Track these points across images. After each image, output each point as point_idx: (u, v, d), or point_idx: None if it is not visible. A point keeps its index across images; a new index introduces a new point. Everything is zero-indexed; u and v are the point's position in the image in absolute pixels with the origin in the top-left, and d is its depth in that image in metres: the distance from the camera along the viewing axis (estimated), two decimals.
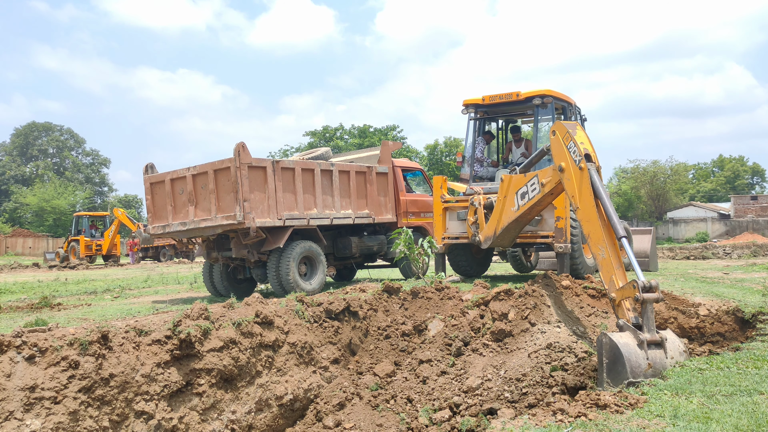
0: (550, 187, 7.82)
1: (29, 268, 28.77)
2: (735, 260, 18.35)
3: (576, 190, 6.97)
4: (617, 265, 6.28)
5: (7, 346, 4.93)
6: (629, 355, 5.59)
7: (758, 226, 46.93)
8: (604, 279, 6.37)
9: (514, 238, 9.70)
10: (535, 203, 8.30)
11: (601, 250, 6.45)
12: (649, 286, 5.80)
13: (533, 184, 8.23)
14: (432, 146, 59.75)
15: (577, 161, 6.95)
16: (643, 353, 5.66)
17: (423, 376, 6.64)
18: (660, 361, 5.73)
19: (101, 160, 79.14)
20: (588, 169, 6.80)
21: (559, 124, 7.38)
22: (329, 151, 12.66)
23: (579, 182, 6.92)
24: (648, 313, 5.82)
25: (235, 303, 6.86)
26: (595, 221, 6.58)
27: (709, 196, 73.04)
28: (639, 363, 5.62)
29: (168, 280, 16.31)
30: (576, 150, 6.98)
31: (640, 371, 5.60)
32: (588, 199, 6.76)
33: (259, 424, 6.17)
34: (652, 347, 5.73)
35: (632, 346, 5.66)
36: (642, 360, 5.65)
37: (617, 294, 6.08)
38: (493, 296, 7.55)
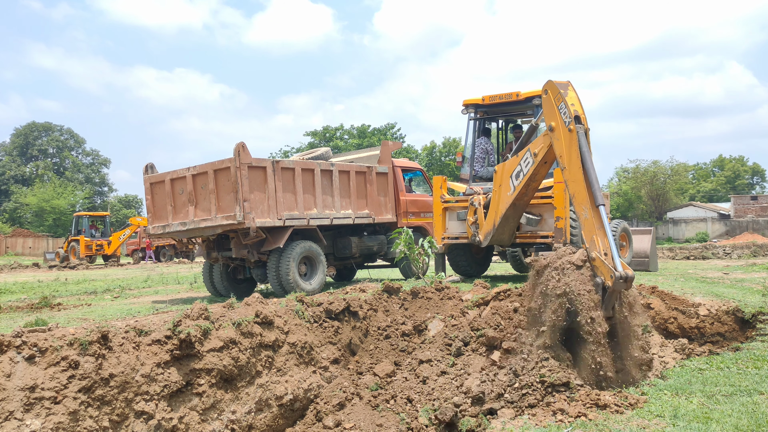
0: (543, 153, 7.86)
1: (29, 268, 28.77)
2: (735, 260, 18.35)
3: (564, 151, 7.05)
4: (598, 226, 6.41)
5: (7, 346, 4.93)
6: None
7: (758, 226, 46.93)
8: (586, 238, 6.49)
9: (513, 230, 9.63)
10: (530, 178, 8.30)
11: (585, 211, 6.63)
12: (625, 276, 5.90)
13: (526, 159, 8.28)
14: (429, 147, 59.76)
15: (567, 122, 7.00)
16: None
17: (423, 376, 6.64)
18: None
19: (101, 160, 79.17)
20: (577, 131, 6.86)
21: (551, 84, 7.38)
22: (329, 151, 12.66)
23: (568, 143, 7.00)
24: (612, 298, 6.04)
25: (235, 303, 6.86)
26: (581, 182, 6.72)
27: (709, 196, 73.05)
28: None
29: (168, 280, 16.32)
30: (566, 111, 7.03)
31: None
32: (575, 160, 6.86)
33: (259, 424, 6.17)
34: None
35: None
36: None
37: (597, 260, 6.19)
38: (493, 296, 7.55)
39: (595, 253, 6.17)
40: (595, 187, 6.61)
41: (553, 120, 7.27)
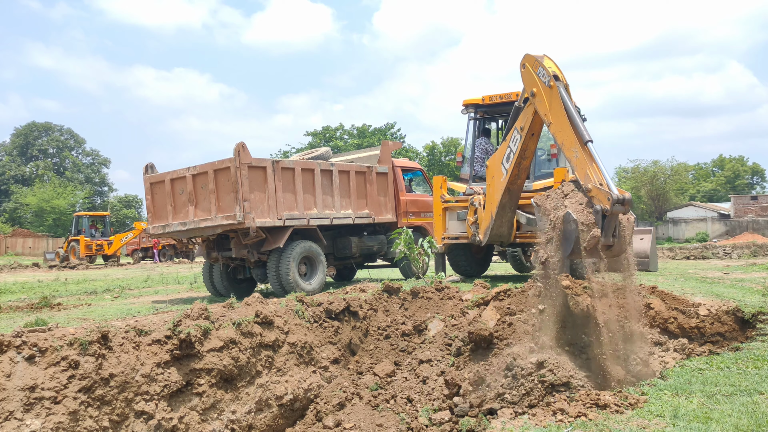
0: (528, 123, 8.00)
1: (29, 268, 28.77)
2: (735, 260, 18.35)
3: (547, 107, 7.30)
4: (590, 161, 6.60)
5: (7, 346, 4.93)
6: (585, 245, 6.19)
7: (758, 226, 46.93)
8: (579, 175, 6.66)
9: (512, 222, 9.57)
10: (520, 155, 8.39)
11: (575, 152, 6.85)
12: (622, 199, 6.13)
13: (513, 138, 8.49)
14: (430, 147, 59.76)
15: (546, 81, 7.30)
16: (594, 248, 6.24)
17: (423, 376, 6.64)
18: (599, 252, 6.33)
19: (101, 160, 79.17)
20: (557, 86, 7.15)
21: (528, 56, 7.68)
22: (329, 151, 12.66)
23: (549, 98, 7.28)
24: (612, 222, 6.23)
25: (235, 303, 6.86)
26: (567, 129, 6.97)
27: (709, 196, 73.06)
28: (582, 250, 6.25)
29: (168, 280, 16.31)
30: (545, 73, 7.34)
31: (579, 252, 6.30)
32: (559, 111, 7.12)
33: (259, 424, 6.17)
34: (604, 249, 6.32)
35: (590, 242, 6.22)
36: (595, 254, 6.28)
37: (593, 189, 6.37)
38: (493, 296, 7.55)
39: (591, 184, 6.33)
40: (581, 127, 6.84)
41: (533, 86, 7.54)
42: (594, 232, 6.15)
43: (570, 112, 7.02)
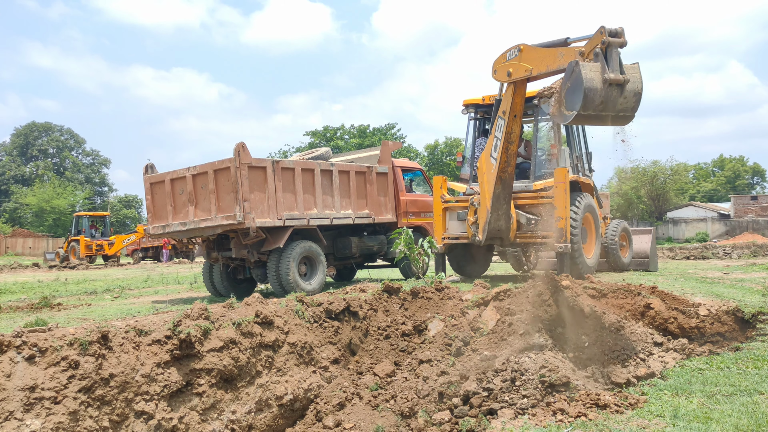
0: (509, 105, 8.21)
1: (29, 268, 28.77)
2: (735, 260, 18.35)
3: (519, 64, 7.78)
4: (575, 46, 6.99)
5: (7, 346, 4.93)
6: (589, 91, 6.12)
7: (758, 226, 46.93)
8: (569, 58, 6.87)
9: (509, 216, 9.54)
10: (505, 139, 8.54)
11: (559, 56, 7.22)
12: (615, 31, 6.26)
13: (498, 126, 8.69)
14: (432, 146, 59.75)
15: (516, 53, 7.81)
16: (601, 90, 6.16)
17: (423, 376, 6.63)
18: (613, 101, 6.24)
19: (101, 160, 79.18)
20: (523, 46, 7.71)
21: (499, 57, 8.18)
22: (329, 151, 12.66)
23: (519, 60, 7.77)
24: (613, 55, 6.29)
25: (235, 303, 6.86)
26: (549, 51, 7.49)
27: (709, 196, 73.06)
28: (594, 98, 6.16)
29: (168, 280, 16.31)
30: (512, 51, 7.84)
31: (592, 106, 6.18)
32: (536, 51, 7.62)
33: (259, 424, 6.17)
34: (612, 86, 6.20)
35: (595, 81, 6.17)
36: (597, 96, 6.17)
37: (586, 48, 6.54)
38: (493, 296, 7.55)
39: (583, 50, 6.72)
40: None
41: (508, 67, 7.92)
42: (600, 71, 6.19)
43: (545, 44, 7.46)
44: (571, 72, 6.35)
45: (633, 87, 6.28)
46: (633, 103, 6.30)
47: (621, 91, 6.25)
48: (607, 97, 6.20)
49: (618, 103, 6.25)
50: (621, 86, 6.23)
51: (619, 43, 6.34)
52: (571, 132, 11.45)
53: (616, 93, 6.23)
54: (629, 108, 6.32)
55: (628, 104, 6.28)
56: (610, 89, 6.21)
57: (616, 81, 6.19)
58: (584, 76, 6.14)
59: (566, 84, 6.41)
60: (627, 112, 6.34)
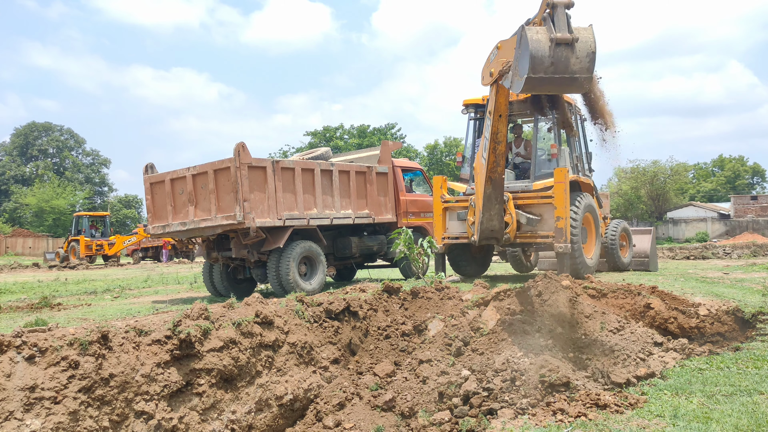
0: (493, 104, 8.19)
1: (29, 268, 28.76)
2: (735, 260, 18.35)
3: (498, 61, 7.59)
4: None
5: (7, 346, 4.93)
6: (536, 51, 5.99)
7: (758, 226, 46.94)
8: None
9: (501, 216, 9.48)
10: (492, 139, 8.54)
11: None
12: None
13: (486, 126, 8.68)
14: (432, 146, 59.76)
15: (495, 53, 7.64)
16: (549, 51, 5.99)
17: (423, 376, 6.63)
18: (564, 62, 6.04)
19: (101, 160, 79.18)
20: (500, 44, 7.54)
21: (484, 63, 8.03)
22: (329, 151, 12.66)
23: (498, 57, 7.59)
24: (559, 15, 6.12)
25: (235, 303, 6.85)
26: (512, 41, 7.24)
27: (709, 196, 73.08)
28: (543, 59, 6.01)
29: (168, 280, 16.31)
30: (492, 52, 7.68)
31: (542, 68, 6.02)
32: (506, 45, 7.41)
33: (259, 424, 6.17)
34: (559, 45, 6.02)
35: (542, 43, 6.01)
36: (546, 57, 6.00)
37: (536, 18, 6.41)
38: (493, 296, 7.55)
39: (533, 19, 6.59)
40: None
41: (491, 68, 7.74)
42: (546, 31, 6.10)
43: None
44: (519, 39, 6.28)
45: (585, 46, 6.08)
46: (587, 64, 6.08)
47: (572, 51, 6.07)
48: (557, 58, 6.04)
49: (570, 64, 6.06)
50: (570, 46, 6.05)
51: (565, 3, 6.17)
52: None
53: (566, 53, 6.04)
54: (584, 69, 6.10)
55: (581, 65, 6.08)
56: (559, 49, 6.03)
57: (563, 40, 6.02)
58: (530, 38, 6.04)
59: (517, 52, 6.34)
60: (582, 73, 6.11)
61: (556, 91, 6.56)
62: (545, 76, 6.06)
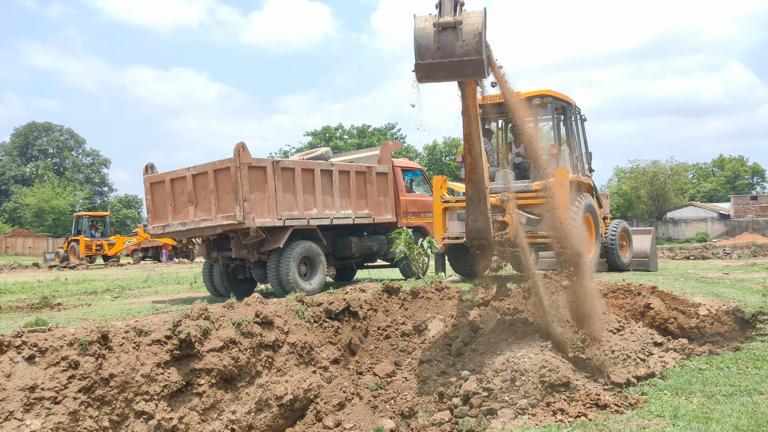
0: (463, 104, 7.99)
1: (29, 268, 28.76)
2: (735, 260, 18.35)
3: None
4: None
5: (7, 346, 4.93)
6: (420, 38, 5.98)
7: (758, 226, 46.96)
8: None
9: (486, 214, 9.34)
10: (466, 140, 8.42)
11: None
12: None
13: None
14: (431, 146, 59.76)
15: None
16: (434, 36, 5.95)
17: (423, 376, 6.64)
18: (450, 45, 5.96)
19: (101, 160, 79.17)
20: None
21: None
22: (329, 151, 12.66)
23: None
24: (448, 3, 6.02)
25: (235, 303, 6.85)
26: None
27: (709, 196, 73.10)
28: (427, 45, 5.99)
29: (168, 280, 16.31)
30: None
31: (428, 53, 5.99)
32: None
33: (259, 424, 6.17)
34: (444, 30, 5.94)
35: (427, 29, 5.98)
36: (431, 43, 5.97)
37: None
38: (493, 296, 7.56)
39: None
40: None
41: None
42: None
43: None
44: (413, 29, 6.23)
45: (471, 29, 6.01)
46: (474, 45, 5.98)
47: (457, 35, 6.00)
48: (443, 43, 6.01)
49: (456, 47, 6.00)
50: (455, 29, 6.00)
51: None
52: (571, 132, 11.46)
53: (451, 37, 5.98)
54: (471, 51, 5.99)
55: (467, 47, 5.98)
56: (444, 34, 5.98)
57: (446, 24, 5.98)
58: (416, 26, 6.05)
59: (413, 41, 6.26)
60: (471, 55, 6.01)
61: (453, 76, 6.38)
62: (433, 61, 6.05)
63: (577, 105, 11.64)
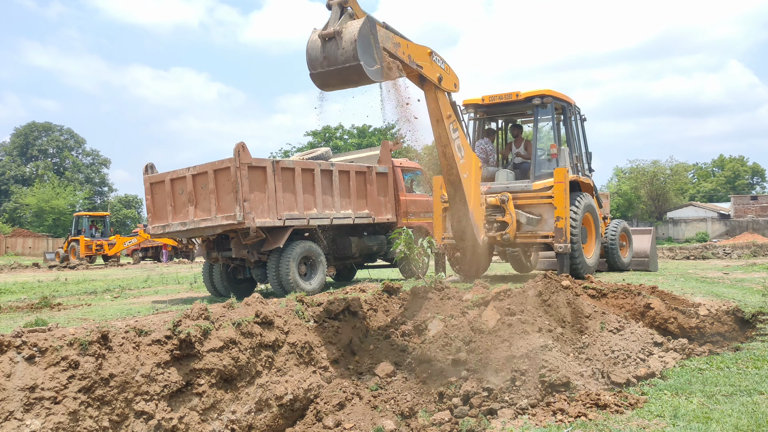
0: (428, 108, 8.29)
1: (29, 268, 28.76)
2: (735, 260, 18.35)
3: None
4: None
5: (7, 346, 4.93)
6: (311, 50, 6.49)
7: (758, 226, 46.96)
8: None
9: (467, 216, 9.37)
10: (438, 143, 8.72)
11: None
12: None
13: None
14: (431, 146, 59.66)
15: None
16: (321, 47, 6.43)
17: (423, 376, 6.63)
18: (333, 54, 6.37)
19: (101, 160, 79.16)
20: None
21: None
22: (329, 151, 12.67)
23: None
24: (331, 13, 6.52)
25: (235, 303, 6.85)
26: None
27: (709, 196, 73.12)
28: (316, 56, 6.47)
29: (168, 280, 16.31)
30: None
31: (318, 63, 6.49)
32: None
33: (259, 424, 6.17)
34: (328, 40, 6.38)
35: (316, 42, 6.45)
36: (319, 54, 6.45)
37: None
38: (493, 296, 7.55)
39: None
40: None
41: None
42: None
43: None
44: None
45: (348, 36, 6.33)
46: (351, 52, 6.28)
47: (337, 43, 6.33)
48: (328, 52, 6.38)
49: (339, 55, 6.35)
50: (335, 39, 6.34)
51: (336, 2, 6.49)
52: (571, 132, 11.46)
53: (333, 46, 6.35)
54: (349, 57, 6.30)
55: (346, 54, 6.31)
56: (328, 44, 6.37)
57: (327, 35, 6.36)
58: (308, 40, 6.50)
59: None
60: (350, 61, 6.32)
61: (344, 83, 6.72)
62: (323, 70, 6.49)
63: (576, 105, 11.64)
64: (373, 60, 6.45)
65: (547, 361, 5.94)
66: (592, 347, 6.61)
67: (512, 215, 10.22)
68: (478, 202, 9.49)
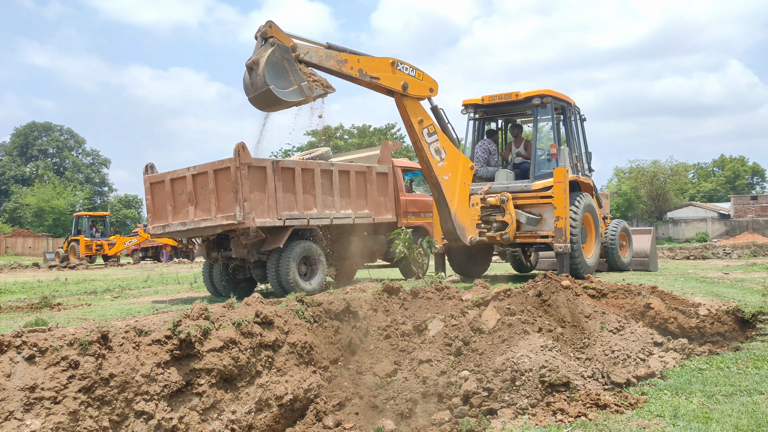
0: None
1: (29, 268, 28.76)
2: (735, 260, 18.35)
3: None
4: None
5: (7, 346, 4.93)
6: (245, 78, 7.28)
7: (758, 226, 46.97)
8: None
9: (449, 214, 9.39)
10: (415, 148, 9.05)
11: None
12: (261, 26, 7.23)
13: None
14: None
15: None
16: (247, 76, 7.24)
17: (423, 376, 6.64)
18: (255, 81, 7.07)
19: (101, 160, 79.17)
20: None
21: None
22: (329, 150, 12.67)
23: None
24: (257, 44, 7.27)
25: (235, 303, 6.85)
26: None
27: (709, 196, 73.12)
28: (246, 84, 7.29)
29: (168, 280, 16.31)
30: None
31: (249, 90, 7.26)
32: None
33: (259, 424, 6.17)
34: (251, 70, 7.17)
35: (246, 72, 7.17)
36: (248, 81, 7.23)
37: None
38: (493, 296, 7.55)
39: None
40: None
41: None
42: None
43: None
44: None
45: (260, 65, 7.06)
46: (263, 77, 7.00)
47: (256, 72, 7.07)
48: (253, 80, 7.14)
49: (257, 81, 7.07)
50: (253, 68, 7.09)
51: (260, 33, 7.19)
52: (570, 132, 11.47)
53: (254, 74, 7.15)
54: (262, 83, 7.03)
55: (260, 80, 7.04)
56: (251, 73, 7.17)
57: (248, 65, 7.20)
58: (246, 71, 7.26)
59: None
60: (262, 87, 7.04)
61: (271, 106, 7.45)
62: (252, 96, 7.22)
63: (576, 105, 11.65)
64: (289, 82, 7.10)
65: (547, 361, 5.94)
66: (592, 347, 6.62)
67: (512, 215, 10.22)
68: (464, 203, 9.49)
